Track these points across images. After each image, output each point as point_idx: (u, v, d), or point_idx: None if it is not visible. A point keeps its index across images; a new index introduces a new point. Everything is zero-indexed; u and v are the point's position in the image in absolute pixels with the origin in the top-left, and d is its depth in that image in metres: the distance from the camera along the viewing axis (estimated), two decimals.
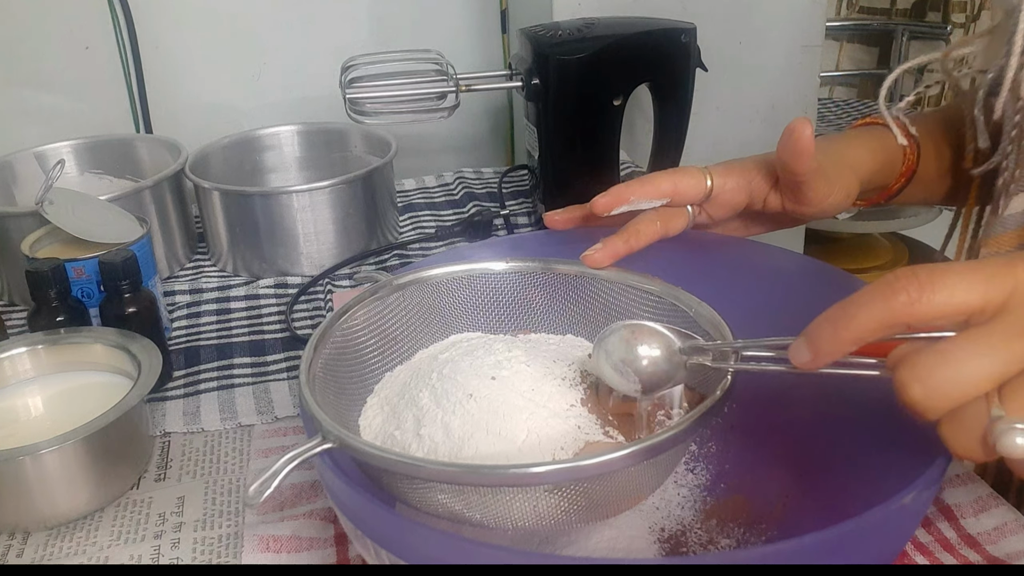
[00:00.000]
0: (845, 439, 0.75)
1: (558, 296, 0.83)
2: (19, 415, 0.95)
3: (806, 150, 0.81)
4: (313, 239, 1.38)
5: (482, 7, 1.92)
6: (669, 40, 1.37)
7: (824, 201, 0.87)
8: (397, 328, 0.80)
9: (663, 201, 0.86)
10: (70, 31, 1.68)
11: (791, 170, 0.83)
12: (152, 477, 0.95)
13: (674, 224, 0.87)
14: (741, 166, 0.89)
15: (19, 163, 1.47)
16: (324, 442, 0.61)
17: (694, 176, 0.86)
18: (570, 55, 1.32)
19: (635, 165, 1.66)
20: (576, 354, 0.79)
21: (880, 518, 0.55)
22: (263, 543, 0.81)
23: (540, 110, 1.39)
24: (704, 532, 0.78)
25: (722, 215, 0.90)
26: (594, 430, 0.68)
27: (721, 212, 0.90)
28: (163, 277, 1.40)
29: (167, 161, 1.46)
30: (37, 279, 1.02)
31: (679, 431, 0.61)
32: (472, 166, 1.85)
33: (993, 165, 0.90)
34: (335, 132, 1.62)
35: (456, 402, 0.69)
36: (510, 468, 0.58)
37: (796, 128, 0.80)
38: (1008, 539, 0.79)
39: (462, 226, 1.51)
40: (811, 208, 0.88)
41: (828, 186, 0.86)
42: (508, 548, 0.58)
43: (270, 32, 1.81)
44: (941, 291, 0.54)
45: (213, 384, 1.11)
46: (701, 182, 0.86)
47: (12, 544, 0.86)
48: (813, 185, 0.85)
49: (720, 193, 0.87)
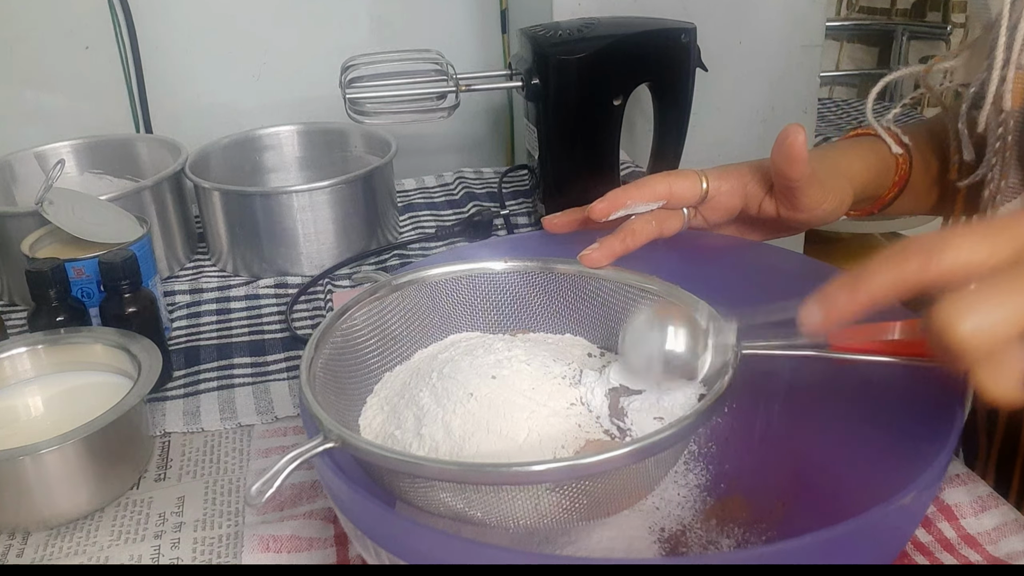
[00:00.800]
0: (844, 439, 0.75)
1: (557, 295, 0.83)
2: (19, 415, 0.95)
3: (799, 156, 0.81)
4: (313, 239, 1.38)
5: (482, 7, 1.92)
6: (669, 40, 1.37)
7: (818, 208, 0.87)
8: (397, 328, 0.80)
9: (659, 203, 0.85)
10: (70, 31, 1.68)
11: (784, 175, 0.83)
12: (152, 477, 0.95)
13: (669, 225, 0.86)
14: (736, 170, 0.89)
15: (19, 163, 1.47)
16: (326, 441, 0.61)
17: (689, 178, 0.86)
18: (570, 55, 1.32)
19: (635, 165, 1.66)
20: (575, 353, 0.80)
21: (880, 518, 0.55)
22: (263, 543, 0.81)
23: (540, 110, 1.39)
24: (704, 532, 0.78)
25: (717, 219, 0.90)
26: (594, 428, 0.69)
27: (717, 216, 0.89)
28: (163, 277, 1.40)
29: (167, 161, 1.46)
30: (37, 279, 1.02)
31: (679, 429, 0.61)
32: (472, 166, 1.85)
33: (978, 177, 0.91)
34: (335, 132, 1.62)
35: (457, 401, 0.69)
36: (512, 467, 0.58)
37: (789, 134, 0.80)
38: (1008, 539, 0.79)
39: (462, 226, 1.51)
40: (805, 214, 0.87)
41: (823, 193, 0.87)
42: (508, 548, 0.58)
43: (270, 32, 1.82)
44: (948, 252, 0.55)
45: (213, 384, 1.11)
46: (696, 185, 0.86)
47: (12, 544, 0.86)
48: (807, 191, 0.85)
49: (715, 196, 0.87)
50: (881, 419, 0.70)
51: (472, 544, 0.56)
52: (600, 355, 0.80)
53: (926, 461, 0.59)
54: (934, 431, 0.63)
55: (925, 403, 0.65)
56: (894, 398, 0.69)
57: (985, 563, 0.77)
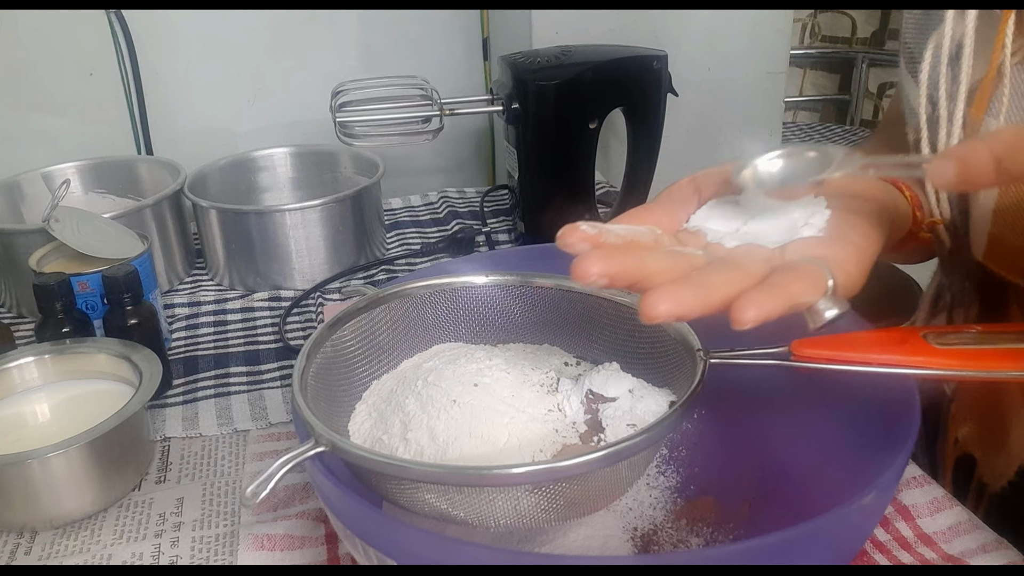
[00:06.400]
0: (808, 444, 0.75)
1: (535, 308, 0.83)
2: (27, 421, 0.95)
3: None
4: (305, 255, 1.38)
5: (465, 35, 1.93)
6: (642, 67, 1.37)
7: None
8: (384, 338, 0.80)
9: None
10: (75, 59, 1.67)
11: None
12: (153, 479, 0.95)
13: None
14: None
15: (27, 183, 1.47)
16: (317, 446, 0.61)
17: None
18: (548, 81, 1.33)
19: (610, 185, 1.66)
20: (553, 361, 0.80)
21: (841, 517, 0.56)
22: (258, 542, 0.81)
23: (520, 133, 1.39)
24: (675, 531, 0.79)
25: None
26: (571, 433, 0.69)
27: None
28: (163, 291, 1.40)
29: (167, 181, 1.46)
30: (44, 292, 1.02)
31: (650, 434, 0.61)
32: (455, 186, 1.86)
33: None
34: (326, 154, 1.62)
35: (440, 408, 0.69)
36: (492, 469, 0.58)
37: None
38: (962, 538, 0.79)
39: (446, 242, 1.51)
40: None
41: None
42: (489, 546, 0.58)
43: (264, 59, 1.82)
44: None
45: (210, 392, 1.11)
46: None
47: (20, 543, 0.86)
48: None
49: None
50: (842, 425, 0.70)
51: (454, 542, 0.56)
52: (576, 364, 0.81)
53: (884, 464, 0.59)
54: (892, 436, 0.63)
55: (883, 410, 0.66)
56: (854, 405, 0.69)
57: (941, 561, 0.77)
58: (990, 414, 0.90)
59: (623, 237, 0.60)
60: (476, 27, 1.92)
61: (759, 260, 0.62)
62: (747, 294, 0.53)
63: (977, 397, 0.93)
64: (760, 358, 0.67)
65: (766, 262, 0.61)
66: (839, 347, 0.65)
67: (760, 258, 0.63)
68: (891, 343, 0.65)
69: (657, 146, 1.44)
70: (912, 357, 0.63)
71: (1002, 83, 0.75)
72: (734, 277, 0.57)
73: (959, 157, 0.56)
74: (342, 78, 1.43)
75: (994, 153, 0.54)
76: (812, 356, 0.65)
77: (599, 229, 0.58)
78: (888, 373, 0.63)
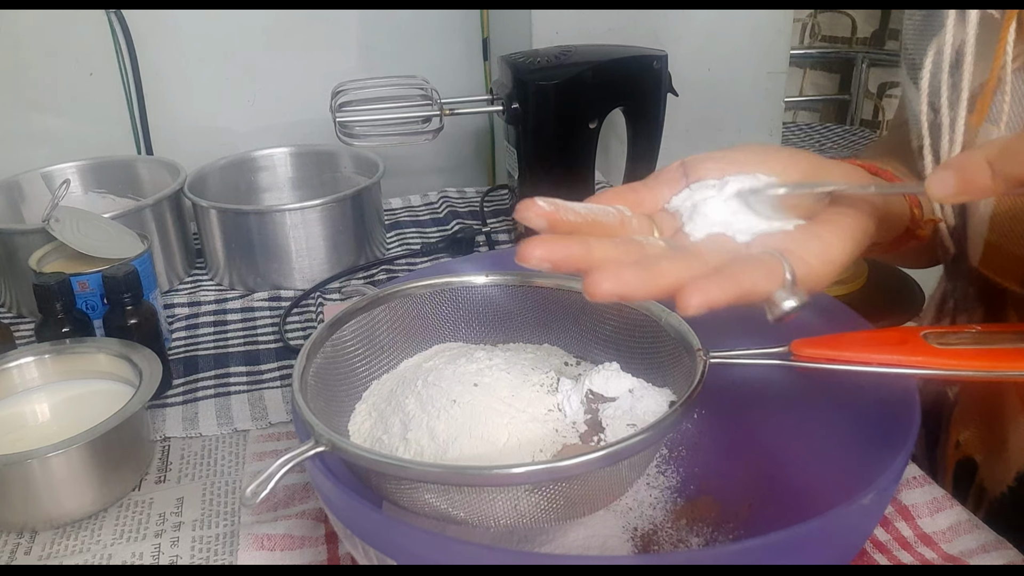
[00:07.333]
0: (808, 444, 0.75)
1: (535, 308, 0.83)
2: (27, 421, 0.95)
3: None
4: (305, 255, 1.38)
5: (465, 36, 1.92)
6: (642, 67, 1.37)
7: None
8: (384, 338, 0.80)
9: None
10: (76, 59, 1.67)
11: None
12: (153, 479, 0.95)
13: None
14: None
15: (27, 183, 1.47)
16: (317, 446, 0.61)
17: None
18: (548, 81, 1.33)
19: (610, 185, 1.66)
20: (552, 362, 0.79)
21: (841, 517, 0.56)
22: (258, 541, 0.81)
23: (519, 133, 1.39)
24: (675, 531, 0.78)
25: None
26: (571, 433, 0.69)
27: None
28: (163, 291, 1.40)
29: (167, 181, 1.46)
30: (44, 292, 1.01)
31: (650, 434, 0.61)
32: (455, 186, 1.86)
33: None
34: (326, 154, 1.62)
35: (440, 408, 0.69)
36: (492, 469, 0.58)
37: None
38: (962, 538, 0.79)
39: (446, 242, 1.51)
40: None
41: None
42: (489, 546, 0.58)
43: (264, 59, 1.81)
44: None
45: (210, 391, 1.11)
46: None
47: (21, 542, 0.86)
48: None
49: None
50: (842, 425, 0.70)
51: (454, 542, 0.56)
52: (576, 364, 0.80)
53: (884, 464, 0.59)
54: (892, 436, 0.63)
55: (883, 409, 0.66)
56: (854, 405, 0.69)
57: (941, 561, 0.77)
58: (992, 418, 0.90)
59: (583, 216, 0.59)
60: (476, 27, 1.92)
61: (721, 252, 0.62)
62: (695, 281, 0.53)
63: (979, 401, 0.93)
64: (760, 358, 0.67)
65: (729, 254, 0.61)
66: (839, 347, 0.65)
67: (724, 250, 0.62)
68: (891, 343, 0.65)
69: (657, 146, 1.44)
70: (912, 357, 0.63)
71: (1002, 90, 0.75)
72: (685, 264, 0.57)
73: (957, 167, 0.56)
74: (342, 78, 1.43)
75: (989, 159, 0.54)
76: (812, 356, 0.65)
77: (556, 206, 0.58)
78: (888, 373, 0.63)
